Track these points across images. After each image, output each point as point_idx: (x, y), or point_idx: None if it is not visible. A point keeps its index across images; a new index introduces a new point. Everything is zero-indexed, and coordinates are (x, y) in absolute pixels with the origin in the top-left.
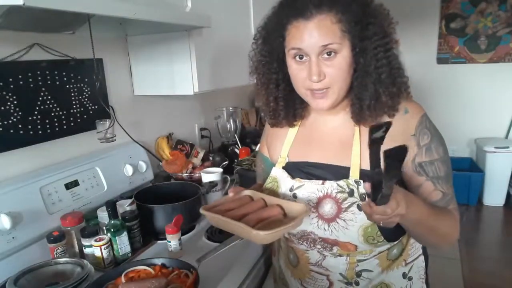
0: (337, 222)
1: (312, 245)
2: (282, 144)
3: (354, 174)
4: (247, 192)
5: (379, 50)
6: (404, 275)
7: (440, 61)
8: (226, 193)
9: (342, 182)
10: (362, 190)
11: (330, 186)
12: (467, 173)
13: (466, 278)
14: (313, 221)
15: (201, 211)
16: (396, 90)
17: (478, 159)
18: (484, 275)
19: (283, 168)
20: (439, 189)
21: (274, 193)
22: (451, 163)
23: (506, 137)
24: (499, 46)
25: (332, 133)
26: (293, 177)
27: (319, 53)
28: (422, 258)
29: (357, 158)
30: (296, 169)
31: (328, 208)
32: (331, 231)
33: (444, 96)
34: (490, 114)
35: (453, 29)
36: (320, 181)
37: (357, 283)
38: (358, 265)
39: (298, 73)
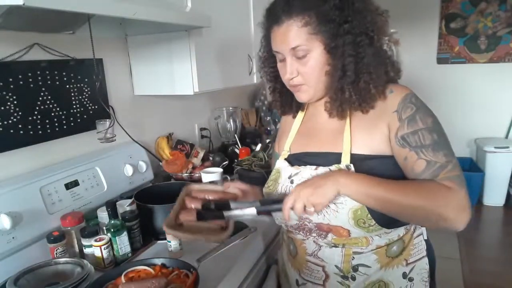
0: (329, 206)
1: (308, 234)
2: (287, 139)
3: (345, 159)
4: (234, 190)
5: (348, 47)
6: (404, 275)
7: (440, 61)
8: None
9: (333, 167)
10: None
11: (323, 171)
12: (467, 173)
13: (466, 278)
14: None
15: (183, 188)
16: (364, 85)
17: (478, 159)
18: (484, 275)
19: (285, 159)
20: (423, 158)
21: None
22: (446, 138)
23: (506, 137)
24: (499, 46)
25: (326, 124)
26: (292, 165)
27: (291, 54)
28: (425, 260)
29: (348, 144)
30: (296, 160)
31: None
32: (324, 215)
33: (444, 96)
34: (490, 114)
35: (453, 29)
36: (314, 167)
37: (353, 278)
38: (354, 257)
39: (280, 70)
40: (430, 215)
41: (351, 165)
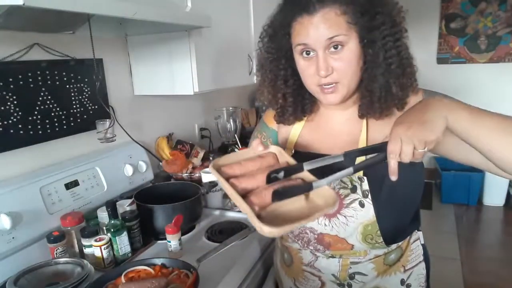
0: (338, 218)
1: (306, 245)
2: (288, 135)
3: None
4: (273, 149)
5: (388, 40)
6: (402, 282)
7: (440, 61)
8: (226, 194)
9: (345, 178)
10: (365, 186)
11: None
12: (467, 173)
13: (466, 278)
14: None
15: (210, 167)
16: (406, 80)
17: None
18: (484, 275)
19: None
20: None
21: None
22: None
23: None
24: (499, 46)
25: (341, 127)
26: None
27: (325, 47)
28: (423, 265)
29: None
30: (302, 160)
31: None
32: (332, 226)
33: None
34: None
35: (453, 29)
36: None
37: (349, 286)
38: (351, 267)
39: (306, 69)
40: None
41: (365, 177)
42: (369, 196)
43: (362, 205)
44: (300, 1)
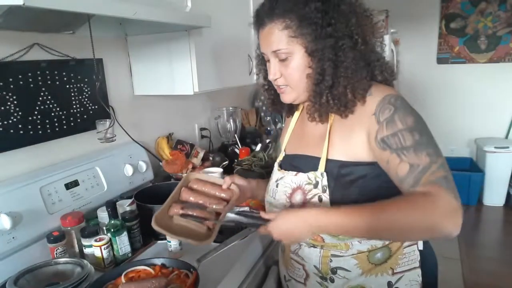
0: None
1: None
2: (284, 139)
3: (321, 165)
4: (235, 188)
5: (327, 51)
6: (390, 285)
7: (440, 61)
8: None
9: (311, 174)
10: (325, 182)
11: (301, 177)
12: (467, 173)
13: (466, 278)
14: None
15: (185, 175)
16: (341, 90)
17: (478, 159)
18: (484, 275)
19: (280, 162)
20: (405, 161)
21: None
22: (430, 137)
23: (506, 137)
24: (499, 46)
25: (314, 127)
26: (282, 167)
27: (274, 56)
28: (418, 272)
29: (326, 150)
30: (288, 162)
31: (298, 198)
32: None
33: (444, 96)
34: (490, 114)
35: (453, 29)
36: (295, 173)
37: (332, 280)
38: (332, 260)
39: (268, 70)
40: (420, 230)
41: (325, 173)
42: (327, 191)
43: (320, 199)
44: (257, 16)
